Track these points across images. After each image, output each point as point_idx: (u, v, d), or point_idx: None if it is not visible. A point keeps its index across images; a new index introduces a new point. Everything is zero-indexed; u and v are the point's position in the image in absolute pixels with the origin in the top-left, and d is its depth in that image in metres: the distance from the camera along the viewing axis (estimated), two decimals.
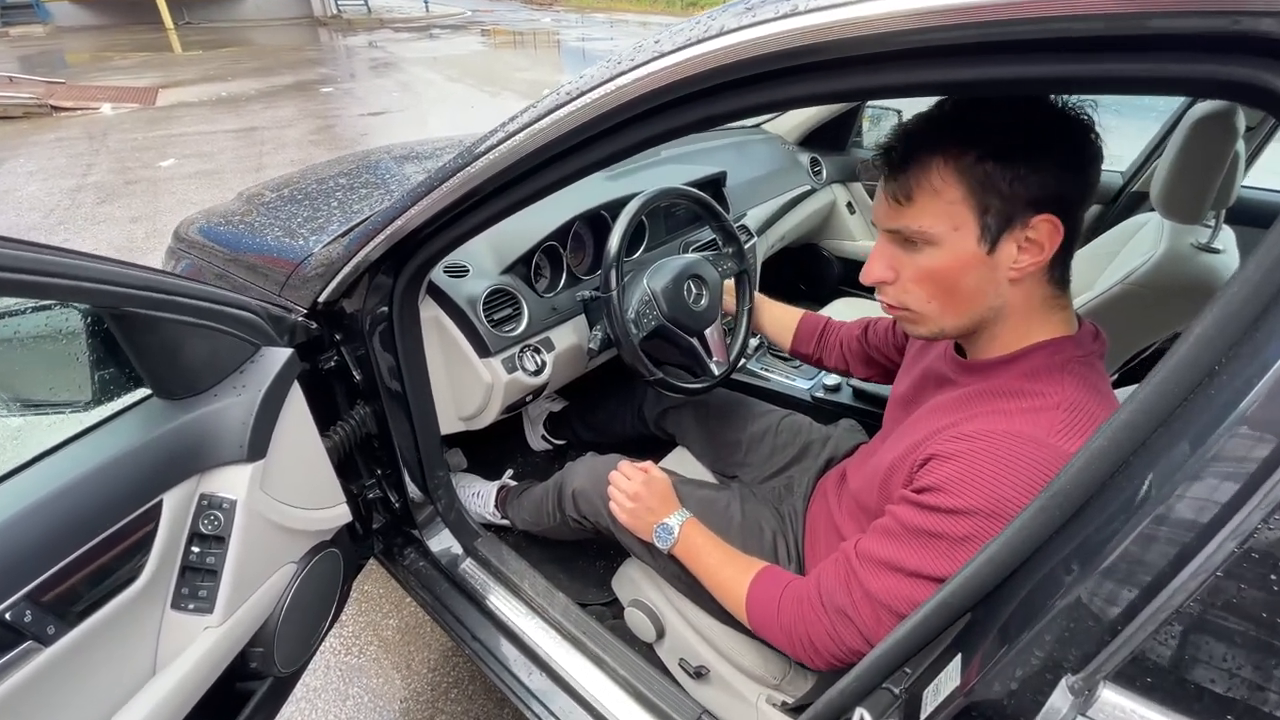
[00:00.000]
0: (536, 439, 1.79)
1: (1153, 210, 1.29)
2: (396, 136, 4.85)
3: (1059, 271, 0.68)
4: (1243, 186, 1.27)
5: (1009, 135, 0.61)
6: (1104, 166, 0.67)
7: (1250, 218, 1.38)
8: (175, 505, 0.74)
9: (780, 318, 1.32)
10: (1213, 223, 1.23)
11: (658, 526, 0.96)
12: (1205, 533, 0.37)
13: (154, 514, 0.71)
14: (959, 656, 0.52)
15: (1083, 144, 0.62)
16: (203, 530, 0.77)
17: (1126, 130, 1.82)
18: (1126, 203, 1.83)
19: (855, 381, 1.49)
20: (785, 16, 0.50)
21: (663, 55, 0.59)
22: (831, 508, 0.96)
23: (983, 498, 0.62)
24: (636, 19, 17.35)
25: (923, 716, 0.53)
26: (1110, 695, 0.40)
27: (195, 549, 0.77)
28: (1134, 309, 1.18)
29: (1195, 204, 1.13)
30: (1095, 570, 0.42)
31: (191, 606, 0.77)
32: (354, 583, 1.23)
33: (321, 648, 1.52)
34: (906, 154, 0.65)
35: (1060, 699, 0.41)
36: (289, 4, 15.99)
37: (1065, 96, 0.63)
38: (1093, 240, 1.51)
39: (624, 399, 1.57)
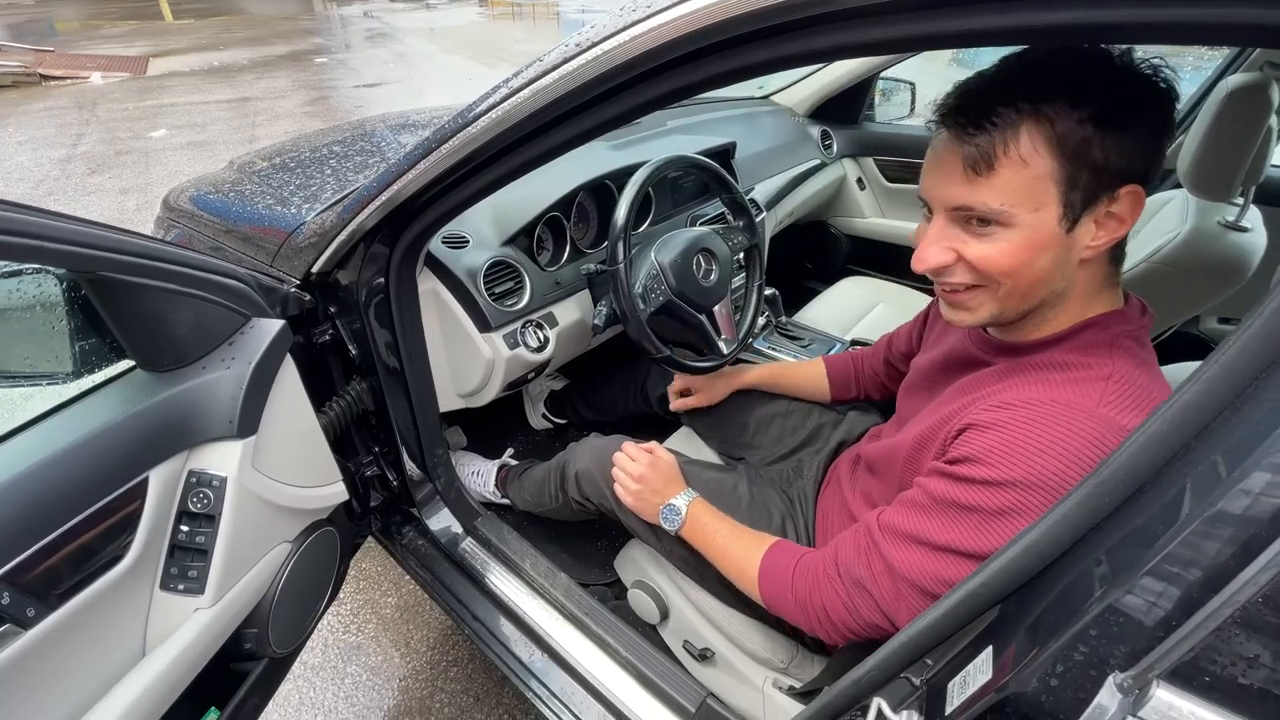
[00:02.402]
0: (537, 418, 1.76)
1: (1177, 187, 1.25)
2: (392, 108, 4.74)
3: (1121, 248, 0.64)
4: (1273, 166, 1.22)
5: (1111, 94, 0.54)
6: None
7: (1276, 198, 1.34)
8: (162, 482, 0.70)
9: (809, 373, 1.20)
10: (1241, 200, 1.18)
11: (664, 508, 0.93)
12: (1275, 524, 0.34)
13: (139, 491, 0.68)
14: (990, 649, 0.49)
15: (1170, 109, 0.57)
16: (192, 508, 0.74)
17: None
18: None
19: None
20: None
21: (679, 3, 0.54)
22: (845, 492, 0.93)
23: (1024, 469, 0.57)
24: None
25: (948, 709, 0.50)
26: (1165, 695, 0.37)
27: (184, 528, 0.74)
28: (1159, 288, 1.14)
29: (1226, 180, 1.08)
30: (1148, 563, 0.39)
31: (181, 587, 0.74)
32: (352, 561, 1.21)
33: (320, 626, 1.50)
34: (987, 110, 0.56)
35: (1108, 697, 0.39)
36: None
37: (1150, 58, 0.57)
38: None
39: (627, 378, 1.54)
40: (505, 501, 1.43)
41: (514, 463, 1.48)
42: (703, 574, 0.98)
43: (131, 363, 0.73)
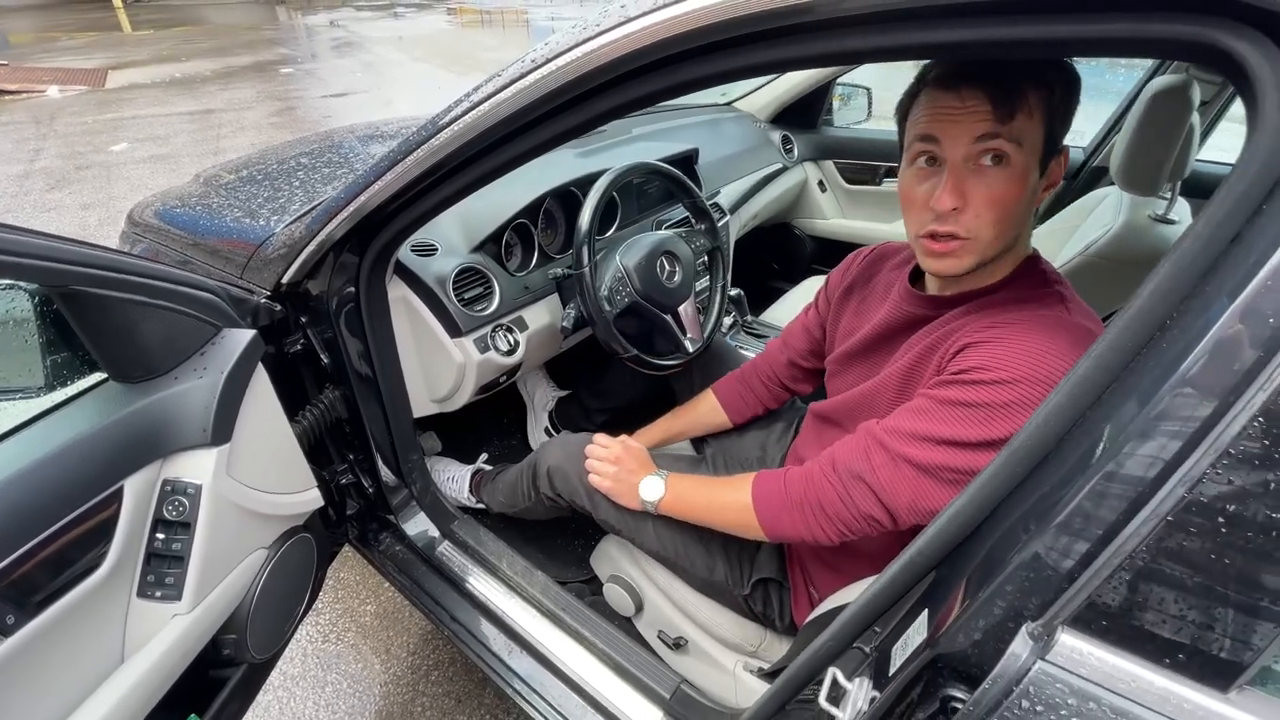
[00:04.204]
0: (539, 432, 1.71)
1: (1113, 184, 1.32)
2: (361, 118, 4.72)
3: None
4: (1197, 160, 1.30)
5: (1064, 76, 0.67)
6: (1066, 142, 0.72)
7: (1205, 191, 1.43)
8: (137, 491, 0.72)
9: (703, 410, 1.20)
10: (1169, 195, 1.26)
11: (643, 484, 0.97)
12: (1155, 482, 0.39)
13: (114, 500, 0.69)
14: (925, 612, 0.54)
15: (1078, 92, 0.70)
16: (167, 516, 0.75)
17: (1087, 107, 1.85)
18: (1088, 177, 1.87)
19: None
20: None
21: (630, 20, 0.58)
22: (810, 452, 0.97)
23: (1028, 367, 0.64)
24: None
25: (891, 671, 0.54)
26: (1068, 639, 0.41)
27: (160, 535, 0.75)
28: (1094, 279, 1.21)
29: (1152, 176, 1.16)
30: (1054, 522, 0.43)
31: (158, 594, 0.75)
32: (329, 569, 1.22)
33: (298, 636, 1.51)
34: (1010, 76, 0.66)
35: (1021, 645, 0.43)
36: None
37: None
38: (1056, 214, 1.54)
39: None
40: (481, 506, 1.45)
41: (489, 468, 1.50)
42: (675, 561, 1.02)
43: (104, 375, 0.75)
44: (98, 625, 0.70)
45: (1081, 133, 1.96)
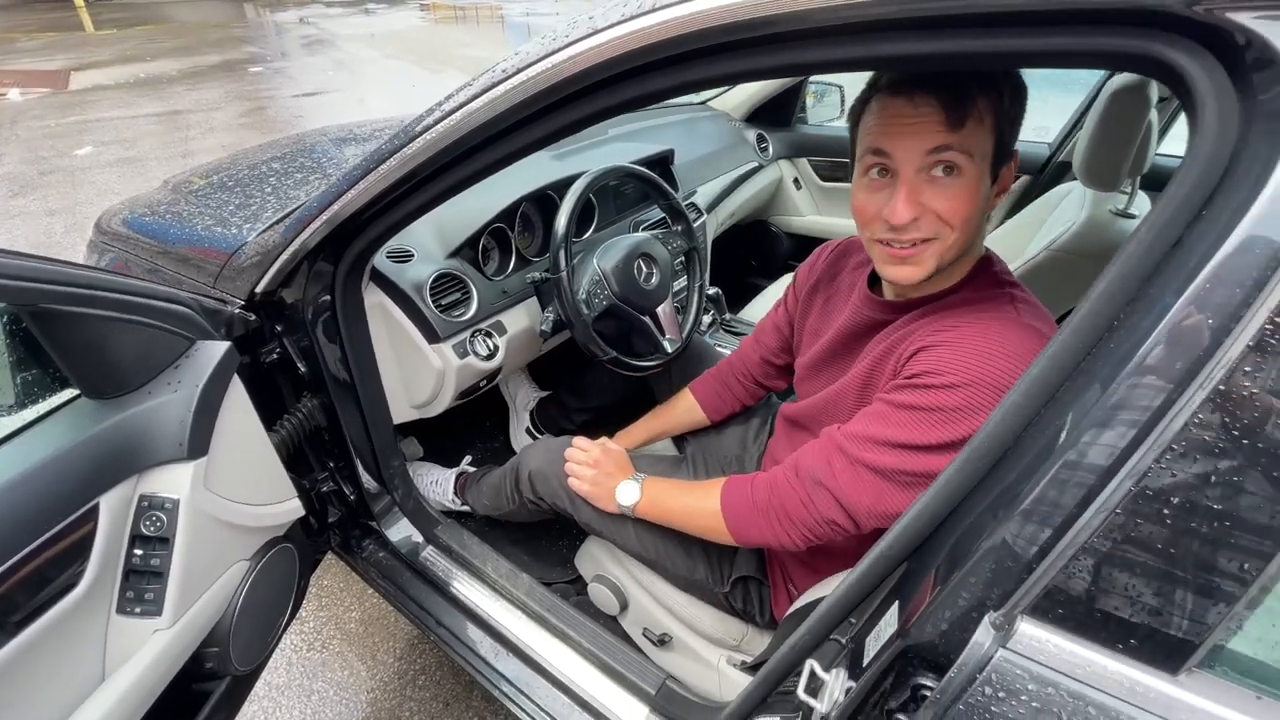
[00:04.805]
0: (521, 433, 1.71)
1: (1076, 179, 1.36)
2: (334, 118, 4.66)
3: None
4: (1157, 155, 1.34)
5: (1012, 82, 0.69)
6: (1032, 138, 0.73)
7: (1164, 185, 1.47)
8: (113, 508, 0.71)
9: (682, 409, 1.22)
10: (1129, 190, 1.30)
11: (620, 488, 0.98)
12: (1106, 475, 0.41)
13: (90, 518, 0.69)
14: (896, 604, 0.56)
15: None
16: (145, 532, 0.75)
17: (1056, 102, 1.90)
18: (1053, 172, 1.91)
19: None
20: None
21: (599, 31, 0.59)
22: (783, 454, 0.98)
23: (978, 371, 0.66)
24: None
25: (865, 661, 0.56)
26: (1027, 627, 0.43)
27: (138, 551, 0.75)
28: (1058, 274, 1.25)
29: (1112, 172, 1.19)
30: (1014, 514, 0.45)
31: (138, 610, 0.75)
32: (312, 577, 1.21)
33: (283, 645, 1.50)
34: (961, 83, 0.67)
35: (984, 634, 0.45)
36: None
37: None
38: (1023, 209, 1.58)
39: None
40: (465, 508, 1.45)
41: (472, 470, 1.50)
42: (657, 562, 1.03)
43: (76, 391, 0.74)
44: (77, 644, 0.70)
45: (1047, 128, 2.00)
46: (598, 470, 1.00)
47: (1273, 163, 0.37)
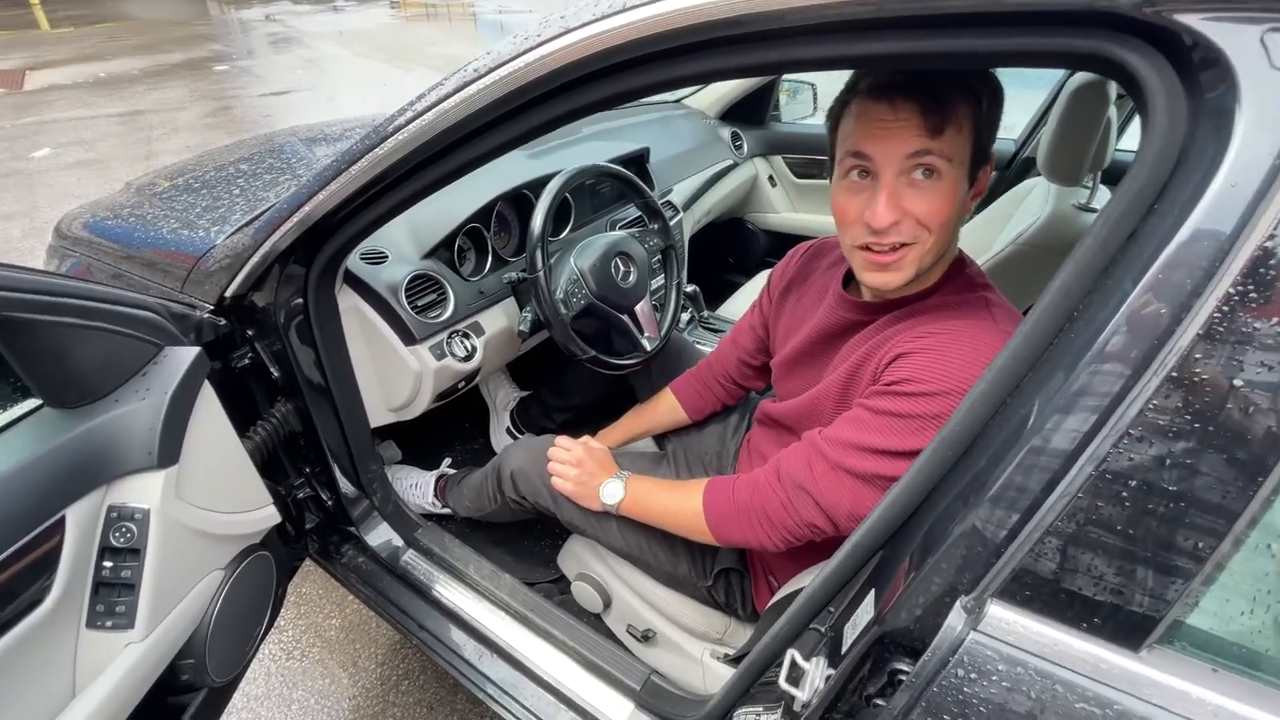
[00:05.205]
0: (501, 433, 1.70)
1: (1040, 175, 1.39)
2: (303, 118, 4.57)
3: None
4: (1117, 150, 1.38)
5: (990, 85, 0.69)
6: (999, 134, 0.75)
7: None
8: (81, 519, 0.69)
9: (663, 408, 1.22)
10: (1091, 184, 1.34)
11: (603, 486, 0.98)
12: (1069, 459, 0.42)
13: (56, 531, 0.67)
14: (872, 592, 0.57)
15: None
16: (114, 543, 0.73)
17: (1021, 99, 1.94)
18: (1019, 168, 1.96)
19: None
20: None
21: (570, 31, 0.59)
22: (764, 452, 1.00)
23: (957, 378, 0.67)
24: None
25: (844, 649, 0.57)
26: (997, 610, 0.45)
27: (108, 564, 0.73)
28: (1024, 268, 1.28)
29: (1074, 167, 1.23)
30: (983, 500, 0.47)
31: (109, 624, 0.73)
32: (290, 584, 1.20)
33: (261, 654, 1.47)
34: (941, 88, 0.67)
35: (955, 618, 0.46)
36: None
37: None
38: (992, 203, 1.61)
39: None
40: (446, 511, 1.44)
41: (452, 472, 1.49)
42: (640, 558, 1.04)
43: (39, 401, 0.72)
44: (46, 660, 0.68)
45: (1013, 125, 2.05)
46: (581, 469, 1.00)
47: (1220, 157, 0.38)
